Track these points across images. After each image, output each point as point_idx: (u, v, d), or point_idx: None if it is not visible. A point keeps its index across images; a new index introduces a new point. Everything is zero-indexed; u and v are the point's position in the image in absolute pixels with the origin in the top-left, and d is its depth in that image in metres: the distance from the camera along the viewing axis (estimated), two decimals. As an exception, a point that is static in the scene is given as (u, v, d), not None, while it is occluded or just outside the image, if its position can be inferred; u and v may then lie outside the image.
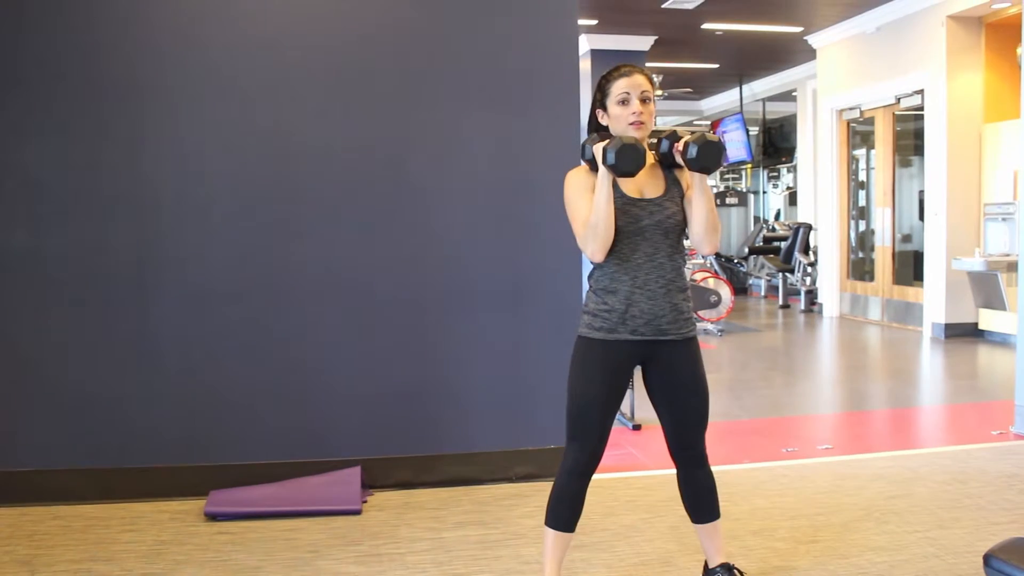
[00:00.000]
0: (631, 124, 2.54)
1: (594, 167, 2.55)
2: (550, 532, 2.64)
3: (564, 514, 2.61)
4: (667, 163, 2.63)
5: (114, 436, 3.78)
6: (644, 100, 2.55)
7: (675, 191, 2.61)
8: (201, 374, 3.83)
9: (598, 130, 2.64)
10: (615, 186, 2.54)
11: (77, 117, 3.71)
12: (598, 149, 2.49)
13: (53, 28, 3.67)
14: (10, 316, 3.72)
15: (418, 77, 3.93)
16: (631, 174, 2.48)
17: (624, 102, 2.55)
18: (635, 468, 4.27)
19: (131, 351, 3.79)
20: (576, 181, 2.59)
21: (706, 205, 2.56)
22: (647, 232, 2.55)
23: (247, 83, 3.82)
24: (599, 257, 2.52)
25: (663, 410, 2.66)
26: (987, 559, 2.22)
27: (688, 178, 2.61)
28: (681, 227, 2.61)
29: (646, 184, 2.59)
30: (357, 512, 3.59)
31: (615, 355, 2.57)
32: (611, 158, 2.44)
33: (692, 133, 2.54)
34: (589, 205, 2.52)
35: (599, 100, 2.62)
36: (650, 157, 2.61)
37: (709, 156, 2.48)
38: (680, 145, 2.53)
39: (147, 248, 3.79)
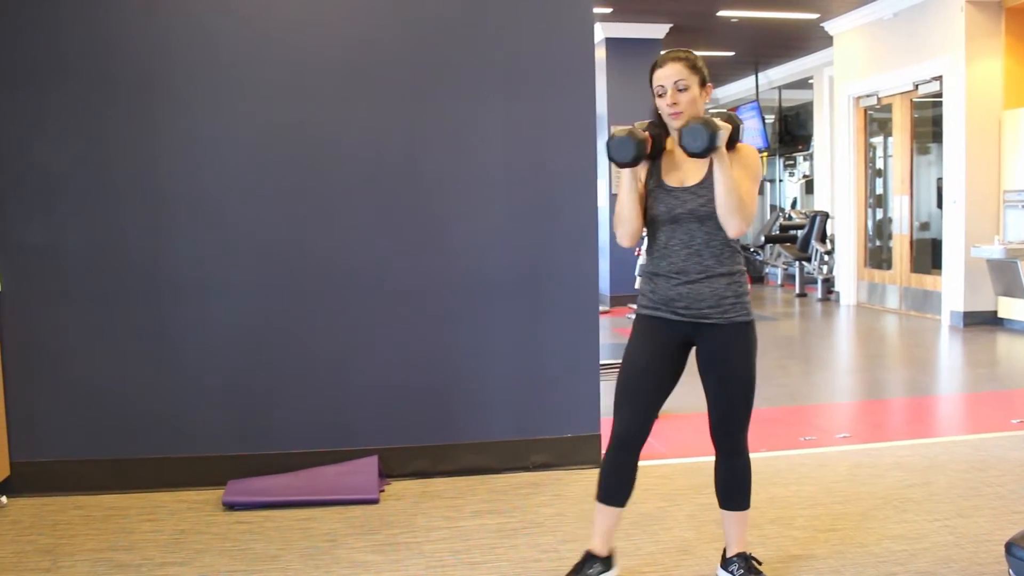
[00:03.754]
0: (670, 115, 2.56)
1: None
2: (596, 504, 2.69)
3: (604, 486, 2.66)
4: None
5: (133, 427, 3.81)
6: (681, 89, 2.54)
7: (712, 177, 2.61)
8: (218, 365, 3.85)
9: (659, 119, 2.65)
10: (657, 174, 2.62)
11: (92, 114, 3.72)
12: None
13: (68, 26, 3.68)
14: (29, 310, 3.74)
15: (432, 67, 3.93)
16: (627, 165, 2.56)
17: (661, 95, 2.57)
18: (653, 457, 4.27)
19: (149, 343, 3.81)
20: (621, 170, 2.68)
21: (721, 186, 2.49)
22: (682, 220, 2.59)
23: (260, 77, 3.82)
24: (627, 243, 2.68)
25: (707, 393, 2.72)
26: (1009, 547, 2.21)
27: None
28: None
29: (688, 171, 2.61)
30: (374, 501, 3.60)
31: (660, 330, 2.65)
32: (607, 151, 2.54)
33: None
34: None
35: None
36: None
37: (690, 141, 2.43)
38: None
39: (163, 242, 3.80)
